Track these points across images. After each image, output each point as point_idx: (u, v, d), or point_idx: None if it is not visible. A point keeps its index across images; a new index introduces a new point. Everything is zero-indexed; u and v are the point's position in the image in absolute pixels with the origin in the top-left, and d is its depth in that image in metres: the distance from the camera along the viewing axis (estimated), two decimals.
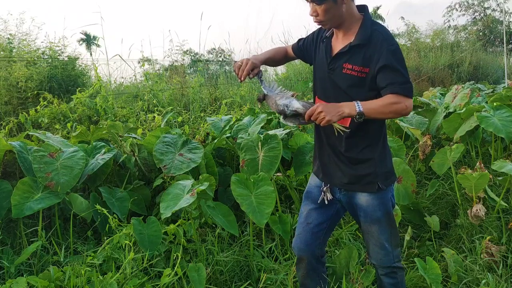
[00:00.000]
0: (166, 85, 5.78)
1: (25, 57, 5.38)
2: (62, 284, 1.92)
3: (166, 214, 2.02)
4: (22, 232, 2.44)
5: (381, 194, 1.60)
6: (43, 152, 2.46)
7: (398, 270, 1.69)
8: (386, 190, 1.62)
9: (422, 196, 3.25)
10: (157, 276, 2.19)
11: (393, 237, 1.65)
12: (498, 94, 4.16)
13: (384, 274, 1.69)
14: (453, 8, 23.15)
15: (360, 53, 1.51)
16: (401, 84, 1.45)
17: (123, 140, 3.13)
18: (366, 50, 1.49)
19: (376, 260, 1.68)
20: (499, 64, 13.15)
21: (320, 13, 1.50)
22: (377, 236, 1.63)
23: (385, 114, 1.45)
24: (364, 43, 1.50)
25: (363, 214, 1.63)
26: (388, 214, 1.63)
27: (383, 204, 1.61)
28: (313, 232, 1.69)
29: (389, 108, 1.43)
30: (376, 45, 1.48)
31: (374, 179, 1.58)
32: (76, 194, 2.52)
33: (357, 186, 1.60)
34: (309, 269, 1.73)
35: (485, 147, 3.96)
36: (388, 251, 1.64)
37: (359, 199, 1.62)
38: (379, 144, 1.61)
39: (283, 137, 2.83)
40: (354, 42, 1.52)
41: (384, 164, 1.62)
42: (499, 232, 2.57)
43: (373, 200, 1.60)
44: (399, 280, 1.70)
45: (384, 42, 1.48)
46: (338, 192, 1.67)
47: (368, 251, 1.70)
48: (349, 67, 1.52)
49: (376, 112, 1.44)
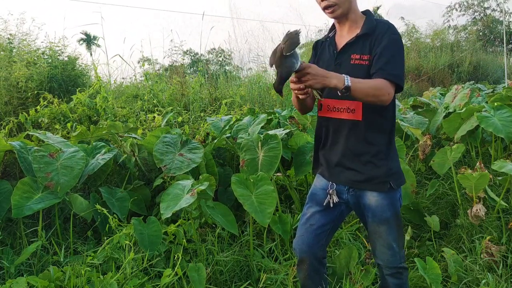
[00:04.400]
0: (166, 85, 5.78)
1: (25, 57, 5.38)
2: (62, 284, 1.92)
3: (166, 214, 2.02)
4: (22, 232, 2.44)
5: (391, 194, 1.60)
6: (43, 152, 2.46)
7: (403, 270, 1.69)
8: (396, 190, 1.62)
9: (422, 196, 3.25)
10: (157, 276, 2.19)
11: (400, 238, 1.65)
12: (498, 94, 4.16)
13: (389, 274, 1.69)
14: (453, 8, 23.16)
15: (367, 42, 1.53)
16: (393, 71, 1.46)
17: (123, 140, 3.13)
18: (372, 38, 1.53)
19: (383, 261, 1.67)
20: (499, 64, 13.14)
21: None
22: (385, 237, 1.62)
23: (368, 96, 1.42)
24: (371, 33, 1.53)
25: (371, 214, 1.62)
26: (396, 215, 1.63)
27: (393, 205, 1.61)
28: (316, 234, 1.68)
29: (374, 92, 1.41)
30: (380, 32, 1.52)
31: (387, 179, 1.58)
32: (76, 194, 2.52)
33: (369, 185, 1.59)
34: (310, 271, 1.72)
35: (485, 147, 3.96)
36: (396, 252, 1.64)
37: (368, 199, 1.61)
38: (391, 143, 1.63)
39: (283, 137, 2.83)
40: (361, 32, 1.55)
41: (396, 164, 1.63)
42: (499, 232, 2.57)
43: (382, 200, 1.59)
44: (404, 280, 1.70)
45: (388, 30, 1.52)
46: (345, 192, 1.65)
47: (374, 252, 1.69)
48: (357, 57, 1.54)
49: (362, 92, 1.40)
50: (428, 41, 13.67)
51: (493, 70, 12.75)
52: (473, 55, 12.70)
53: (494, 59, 13.72)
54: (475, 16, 22.42)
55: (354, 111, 1.57)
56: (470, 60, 12.24)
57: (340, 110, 1.60)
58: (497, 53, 15.18)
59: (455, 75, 11.58)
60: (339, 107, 1.60)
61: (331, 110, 1.62)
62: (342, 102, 1.59)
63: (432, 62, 11.48)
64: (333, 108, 1.62)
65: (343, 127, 1.60)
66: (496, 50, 16.30)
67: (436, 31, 14.43)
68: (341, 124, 1.60)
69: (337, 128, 1.62)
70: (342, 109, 1.59)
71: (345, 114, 1.59)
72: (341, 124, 1.60)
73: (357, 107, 1.56)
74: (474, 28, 20.46)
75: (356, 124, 1.58)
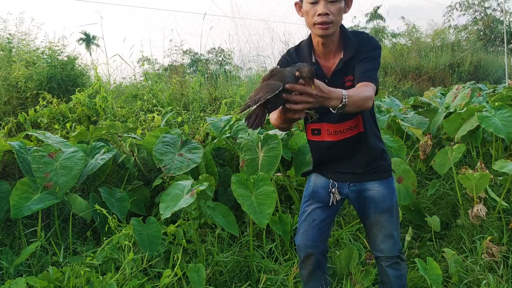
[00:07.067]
0: (166, 85, 5.77)
1: (24, 57, 5.37)
2: (61, 284, 1.91)
3: (165, 214, 2.01)
4: (21, 232, 2.43)
5: (390, 183, 1.69)
6: (42, 152, 2.45)
7: (401, 261, 1.73)
8: (392, 178, 1.72)
9: (422, 196, 3.24)
10: (156, 276, 2.18)
11: (398, 227, 1.73)
12: (499, 94, 4.15)
13: (389, 266, 1.72)
14: (454, 7, 23.15)
15: (352, 62, 1.54)
16: (375, 77, 1.48)
17: (122, 140, 3.12)
18: (356, 57, 1.53)
19: (384, 251, 1.70)
20: (500, 64, 13.12)
21: (334, 12, 1.47)
22: (387, 226, 1.67)
23: (358, 108, 1.37)
24: (354, 54, 1.53)
25: (373, 205, 1.67)
26: (396, 203, 1.71)
27: (392, 193, 1.69)
28: (319, 228, 1.72)
29: (363, 102, 1.37)
30: (362, 48, 1.52)
31: (387, 166, 1.69)
32: (75, 195, 2.51)
33: (373, 175, 1.66)
34: (315, 266, 1.74)
35: (486, 147, 3.95)
36: (396, 241, 1.70)
37: (370, 191, 1.66)
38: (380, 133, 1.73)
39: (283, 137, 2.82)
40: (346, 57, 1.54)
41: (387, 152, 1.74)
42: (500, 232, 2.57)
43: (384, 190, 1.66)
44: (403, 272, 1.74)
45: (367, 40, 1.54)
46: (346, 188, 1.70)
47: (374, 244, 1.72)
48: (351, 79, 1.54)
49: (354, 105, 1.32)
50: (429, 40, 13.65)
51: (493, 70, 12.73)
52: (474, 55, 12.68)
53: (495, 59, 13.69)
54: (475, 15, 22.41)
55: (357, 126, 1.62)
56: (470, 60, 12.22)
57: (343, 132, 1.61)
58: (497, 53, 15.15)
59: (456, 75, 11.56)
60: (341, 129, 1.61)
61: (332, 134, 1.63)
62: (343, 124, 1.60)
63: (433, 62, 11.46)
64: (334, 132, 1.62)
65: (351, 144, 1.63)
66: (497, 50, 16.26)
67: (437, 31, 14.41)
68: (348, 143, 1.63)
69: (343, 147, 1.64)
70: (345, 129, 1.61)
71: (349, 133, 1.62)
72: (347, 143, 1.63)
73: (358, 121, 1.61)
74: (475, 27, 20.45)
75: (360, 136, 1.62)
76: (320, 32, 1.50)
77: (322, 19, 1.46)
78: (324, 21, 1.46)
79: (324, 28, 1.48)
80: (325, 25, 1.47)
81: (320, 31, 1.49)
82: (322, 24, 1.47)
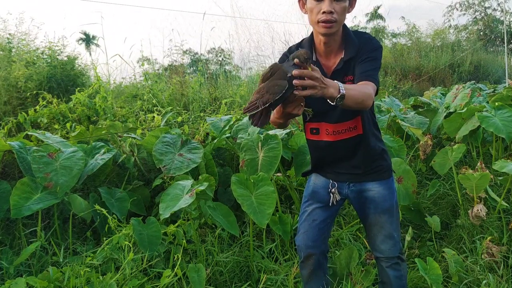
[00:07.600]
0: (166, 85, 5.76)
1: (24, 57, 5.37)
2: (61, 284, 1.91)
3: (165, 214, 2.01)
4: (21, 232, 2.43)
5: (390, 183, 1.68)
6: (42, 152, 2.45)
7: (401, 261, 1.73)
8: (392, 179, 1.71)
9: (422, 196, 3.24)
10: (156, 276, 2.18)
11: (398, 228, 1.72)
12: (499, 94, 4.15)
13: (389, 266, 1.71)
14: (454, 7, 23.14)
15: (352, 62, 1.53)
16: (376, 77, 1.48)
17: (122, 140, 3.12)
18: (356, 57, 1.52)
19: (384, 252, 1.70)
20: (500, 64, 13.12)
21: (338, 11, 1.46)
22: (387, 226, 1.67)
23: (357, 104, 1.34)
24: (355, 55, 1.52)
25: (373, 205, 1.66)
26: (396, 203, 1.70)
27: (392, 194, 1.68)
28: (319, 228, 1.72)
29: (363, 97, 1.35)
30: (363, 49, 1.52)
31: (387, 166, 1.68)
32: (75, 195, 2.51)
33: (373, 175, 1.66)
34: (315, 266, 1.74)
35: (486, 147, 3.95)
36: (396, 241, 1.69)
37: (370, 191, 1.66)
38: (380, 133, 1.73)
39: (283, 137, 2.82)
40: (346, 56, 1.53)
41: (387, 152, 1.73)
42: (500, 232, 2.56)
43: (384, 190, 1.65)
44: (403, 272, 1.74)
45: (368, 41, 1.53)
46: (346, 188, 1.70)
47: (375, 244, 1.71)
48: (351, 79, 1.53)
49: (353, 99, 1.30)
50: (429, 40, 13.65)
51: (494, 70, 12.73)
52: (474, 54, 12.68)
53: (495, 59, 13.70)
54: (475, 15, 22.40)
55: (356, 128, 1.60)
56: (471, 60, 12.22)
57: (342, 132, 1.61)
58: (498, 52, 15.16)
59: (456, 75, 11.56)
60: (339, 130, 1.60)
61: (330, 134, 1.62)
62: (342, 124, 1.59)
63: (433, 61, 11.46)
64: (333, 132, 1.61)
65: (349, 145, 1.63)
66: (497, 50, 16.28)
67: (437, 31, 14.40)
68: (346, 144, 1.62)
69: (341, 147, 1.64)
70: (344, 130, 1.60)
71: (348, 134, 1.61)
72: (345, 144, 1.62)
73: (357, 123, 1.60)
74: (475, 27, 20.45)
75: (359, 138, 1.61)
76: (323, 31, 1.48)
77: (327, 17, 1.45)
78: (328, 19, 1.45)
79: (327, 27, 1.47)
80: (329, 23, 1.46)
81: (324, 29, 1.47)
82: (326, 22, 1.45)
